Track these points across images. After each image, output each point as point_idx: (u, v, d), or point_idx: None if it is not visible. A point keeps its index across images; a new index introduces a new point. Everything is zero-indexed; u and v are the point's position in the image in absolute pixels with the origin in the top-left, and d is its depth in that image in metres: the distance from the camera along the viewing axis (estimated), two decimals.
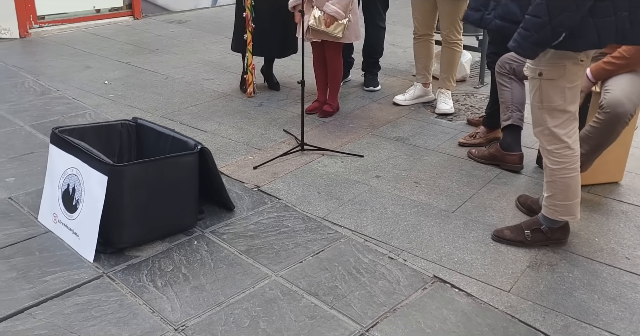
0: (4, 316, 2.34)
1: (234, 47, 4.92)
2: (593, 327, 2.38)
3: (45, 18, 6.59)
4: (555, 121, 2.62)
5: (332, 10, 4.03)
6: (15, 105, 4.50)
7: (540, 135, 2.72)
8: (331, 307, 2.44)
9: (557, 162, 2.66)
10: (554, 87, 2.56)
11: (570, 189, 2.70)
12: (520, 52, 2.45)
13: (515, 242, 2.87)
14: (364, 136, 4.17)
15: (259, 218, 3.09)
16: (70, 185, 2.80)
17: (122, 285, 2.53)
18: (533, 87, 2.65)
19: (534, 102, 2.66)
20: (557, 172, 2.67)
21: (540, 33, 2.34)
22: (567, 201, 2.70)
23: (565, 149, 2.64)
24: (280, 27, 4.66)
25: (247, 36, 4.63)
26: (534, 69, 2.59)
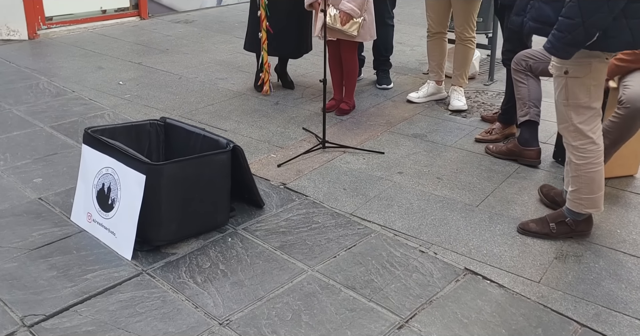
0: (50, 313, 2.39)
1: (247, 47, 4.96)
2: (623, 315, 2.46)
3: (53, 19, 6.61)
4: (581, 117, 2.69)
5: (348, 8, 4.08)
6: (32, 107, 4.54)
7: (565, 132, 2.79)
8: (369, 300, 2.51)
9: (583, 157, 2.73)
10: (580, 84, 2.63)
11: (595, 183, 2.77)
12: (555, 53, 2.51)
13: (541, 235, 2.94)
14: (382, 133, 4.23)
15: (288, 214, 3.15)
16: (106, 184, 2.85)
17: (162, 282, 2.59)
18: (559, 84, 2.71)
19: (560, 99, 2.73)
20: (583, 167, 2.74)
21: (573, 34, 2.40)
22: (592, 194, 2.77)
23: (590, 144, 2.71)
24: (295, 27, 4.72)
25: (262, 35, 4.68)
26: (559, 67, 2.66)
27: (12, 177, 3.46)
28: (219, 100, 4.80)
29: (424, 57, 6.08)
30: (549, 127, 4.06)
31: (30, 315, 2.37)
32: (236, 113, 4.51)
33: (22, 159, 3.68)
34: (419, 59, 6.17)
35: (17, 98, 4.70)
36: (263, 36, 4.69)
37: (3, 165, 3.59)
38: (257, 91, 4.97)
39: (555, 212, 2.99)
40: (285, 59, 5.14)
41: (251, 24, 4.85)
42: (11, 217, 3.05)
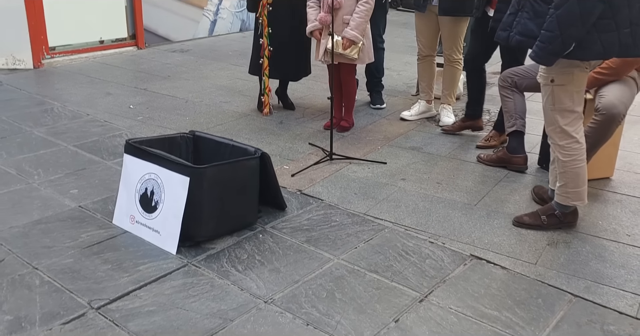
0: (113, 298, 2.70)
1: (251, 71, 5.36)
2: (609, 287, 2.86)
3: (56, 49, 6.94)
4: (566, 120, 3.13)
5: (352, 35, 4.52)
6: (52, 128, 4.85)
7: (552, 133, 3.22)
8: (391, 280, 2.87)
9: (568, 154, 3.16)
10: (564, 91, 3.08)
11: (580, 177, 3.20)
12: (539, 61, 2.96)
13: (533, 226, 3.35)
14: (382, 147, 4.64)
15: (309, 215, 3.51)
16: (149, 188, 3.19)
17: (207, 271, 2.92)
18: (546, 92, 3.16)
19: (547, 105, 3.17)
20: (569, 164, 3.17)
21: (553, 44, 2.86)
22: (578, 188, 3.20)
23: (574, 143, 3.15)
24: (295, 52, 5.14)
25: (262, 61, 5.09)
26: (546, 76, 3.11)
27: (49, 189, 3.77)
28: (226, 120, 5.17)
29: (411, 80, 6.59)
30: (532, 139, 4.51)
31: (96, 299, 2.68)
32: (245, 132, 4.88)
33: (54, 174, 3.99)
34: (406, 82, 6.64)
35: (35, 121, 5.01)
36: (264, 63, 5.09)
37: (38, 179, 3.89)
38: (261, 112, 5.35)
39: (546, 205, 3.41)
40: (286, 82, 5.54)
41: (255, 50, 5.25)
42: (57, 222, 3.36)
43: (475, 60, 4.64)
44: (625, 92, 3.59)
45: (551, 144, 3.27)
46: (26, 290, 2.73)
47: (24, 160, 4.17)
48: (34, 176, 3.93)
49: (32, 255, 3.02)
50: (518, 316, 2.62)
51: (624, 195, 3.87)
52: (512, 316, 2.62)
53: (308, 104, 5.68)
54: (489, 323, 2.57)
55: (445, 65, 5.14)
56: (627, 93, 3.60)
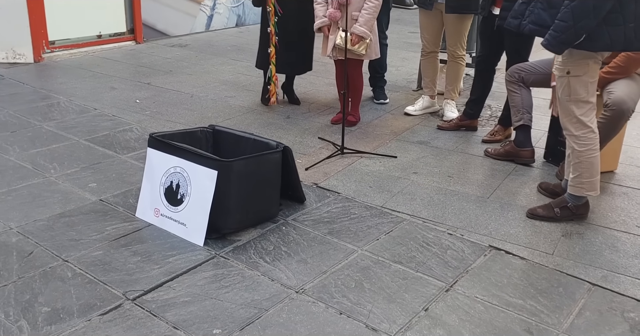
0: (147, 289, 2.75)
1: (258, 65, 5.40)
2: (625, 276, 2.97)
3: (56, 43, 6.93)
4: (581, 110, 3.24)
5: (360, 31, 4.59)
6: (62, 123, 4.87)
7: (568, 124, 3.32)
8: (416, 271, 2.96)
9: (584, 144, 3.27)
10: (580, 82, 3.19)
11: (594, 167, 3.31)
12: (550, 49, 3.07)
13: (547, 218, 3.45)
14: (390, 141, 4.72)
15: (328, 208, 3.59)
16: (174, 182, 3.24)
17: (236, 262, 2.99)
18: (562, 84, 3.25)
19: (563, 96, 3.27)
20: (584, 153, 3.28)
21: (566, 34, 2.98)
22: (592, 178, 3.31)
23: (589, 133, 3.26)
24: (302, 46, 5.20)
25: (271, 50, 5.13)
26: (562, 68, 3.21)
27: (67, 183, 3.80)
28: (234, 115, 5.22)
29: (410, 76, 6.68)
30: (535, 134, 4.60)
31: (130, 290, 2.73)
32: (254, 126, 4.93)
33: (70, 168, 4.02)
34: (406, 77, 6.73)
35: (43, 115, 5.02)
36: (272, 51, 5.14)
37: (55, 173, 3.92)
38: (264, 104, 5.41)
39: (559, 198, 3.51)
40: (292, 77, 5.60)
41: (262, 41, 5.28)
42: (81, 215, 3.40)
43: (486, 61, 4.71)
44: (633, 88, 3.70)
45: (567, 135, 3.36)
46: (59, 282, 2.77)
47: (37, 154, 4.19)
48: (50, 170, 3.96)
49: (60, 247, 3.05)
50: (542, 304, 2.72)
51: (629, 188, 3.99)
52: (537, 305, 2.72)
53: (312, 99, 5.74)
54: (515, 311, 2.66)
55: (448, 61, 5.23)
56: (635, 89, 3.71)
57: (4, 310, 2.54)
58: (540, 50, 4.00)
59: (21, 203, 3.47)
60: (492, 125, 5.04)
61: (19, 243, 3.06)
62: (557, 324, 2.59)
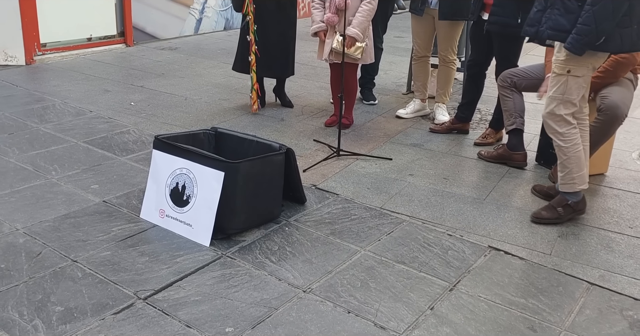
0: (158, 288, 2.79)
1: (235, 67, 5.47)
2: (622, 275, 3.08)
3: (47, 45, 6.92)
4: (567, 110, 3.37)
5: (353, 33, 4.66)
6: (59, 125, 4.88)
7: (552, 122, 3.42)
8: (420, 271, 3.03)
9: (569, 140, 3.39)
10: (577, 83, 3.30)
11: (581, 161, 3.44)
12: (572, 50, 3.17)
13: (553, 220, 3.55)
14: (384, 143, 4.80)
15: (328, 209, 3.65)
16: (180, 183, 3.28)
17: (243, 262, 3.04)
18: (558, 82, 3.34)
19: (556, 94, 3.36)
20: (570, 149, 3.39)
21: (589, 37, 3.10)
22: (581, 171, 3.44)
23: (572, 129, 3.39)
24: (282, 50, 5.29)
25: (251, 58, 5.19)
26: (563, 67, 3.31)
27: (69, 184, 3.82)
28: (228, 117, 5.27)
29: (399, 79, 6.79)
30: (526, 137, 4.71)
31: (141, 290, 2.77)
32: (249, 129, 4.98)
33: (70, 170, 4.04)
34: (395, 81, 6.83)
35: (40, 117, 5.03)
36: (252, 59, 5.20)
37: (56, 175, 3.94)
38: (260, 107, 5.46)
39: (557, 198, 3.60)
40: (282, 80, 5.67)
41: (241, 47, 5.34)
42: (85, 216, 3.43)
43: (477, 65, 4.83)
44: (626, 93, 3.82)
45: (551, 134, 3.46)
46: (70, 282, 2.80)
47: (37, 156, 4.21)
48: (52, 172, 3.97)
49: (68, 248, 3.08)
50: (543, 303, 2.81)
51: (620, 190, 4.11)
52: (538, 303, 2.80)
53: (305, 102, 5.81)
54: (518, 310, 2.75)
55: (440, 66, 5.33)
56: (627, 94, 3.83)
57: (18, 310, 2.57)
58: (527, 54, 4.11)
59: (25, 204, 3.49)
60: (483, 128, 5.15)
61: (26, 244, 3.09)
62: (559, 322, 2.67)
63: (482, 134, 4.87)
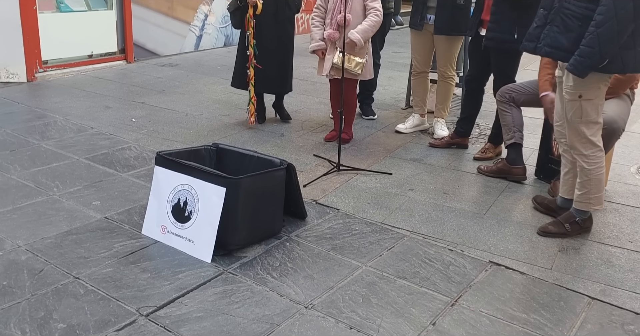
0: (160, 305, 2.80)
1: (234, 83, 5.51)
2: (622, 290, 3.08)
3: (49, 62, 6.96)
4: (591, 131, 3.37)
5: (356, 37, 4.69)
6: (60, 142, 4.90)
7: (578, 144, 3.42)
8: (421, 286, 3.04)
9: (593, 162, 3.39)
10: (592, 105, 3.31)
11: (602, 183, 3.45)
12: (575, 73, 3.18)
13: (559, 235, 3.56)
14: (384, 158, 4.83)
15: (329, 224, 3.66)
16: (182, 199, 3.30)
17: (245, 278, 3.05)
18: (572, 107, 3.35)
19: (574, 118, 3.37)
20: (593, 171, 3.40)
21: (592, 59, 3.10)
22: (599, 193, 3.44)
23: (598, 151, 3.39)
24: (281, 67, 5.35)
25: (250, 72, 5.23)
26: (574, 93, 3.32)
27: (71, 201, 3.83)
28: (229, 133, 5.29)
29: (398, 94, 6.83)
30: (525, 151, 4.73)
31: (143, 306, 2.78)
32: (249, 144, 5.01)
33: (72, 186, 4.05)
34: (394, 96, 6.87)
35: (41, 134, 5.05)
36: (251, 73, 5.23)
37: (57, 192, 3.95)
38: (259, 123, 5.49)
39: (566, 214, 3.60)
40: (281, 95, 5.71)
41: (239, 62, 5.38)
42: (87, 233, 3.44)
43: (475, 80, 4.87)
44: (623, 108, 3.85)
45: (576, 155, 3.46)
46: (72, 298, 2.81)
47: (39, 173, 4.22)
48: (53, 188, 3.99)
49: (70, 265, 3.09)
50: (545, 317, 2.82)
51: (619, 204, 4.12)
52: (540, 318, 2.81)
53: (304, 117, 5.85)
54: (520, 325, 2.75)
55: (439, 81, 5.37)
56: (624, 109, 3.86)
57: (20, 327, 2.57)
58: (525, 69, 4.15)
59: (27, 221, 3.50)
60: (482, 143, 5.17)
61: (28, 261, 3.09)
62: None
63: (481, 149, 4.90)
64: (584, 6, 3.13)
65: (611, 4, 3.02)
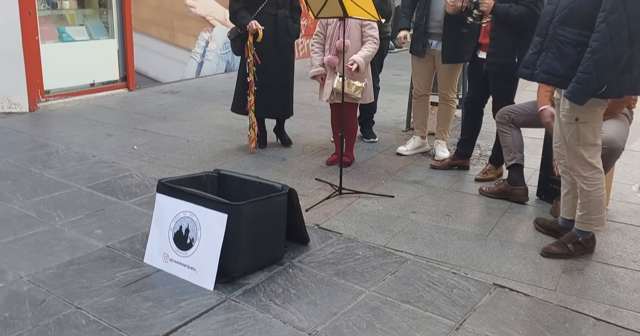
0: (163, 334, 2.78)
1: (234, 109, 5.55)
2: (628, 310, 3.06)
3: (50, 92, 7.01)
4: (589, 153, 3.37)
5: (358, 59, 4.72)
6: (62, 170, 4.92)
7: (577, 166, 3.43)
8: (425, 310, 3.02)
9: (592, 184, 3.39)
10: (588, 127, 3.32)
11: (602, 204, 3.44)
12: (574, 100, 3.19)
13: (562, 255, 3.54)
14: (385, 181, 4.83)
15: (332, 249, 3.66)
16: (183, 226, 3.30)
17: (247, 306, 3.03)
18: (569, 129, 3.37)
19: (572, 141, 3.38)
20: (593, 193, 3.39)
21: (590, 86, 3.12)
22: (600, 214, 3.43)
23: (597, 173, 3.38)
24: (282, 92, 5.39)
25: (250, 98, 5.27)
26: (570, 116, 3.33)
27: (73, 230, 3.83)
28: (231, 158, 5.31)
29: (398, 117, 6.86)
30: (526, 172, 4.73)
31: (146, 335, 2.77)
32: (251, 169, 5.02)
33: (74, 215, 4.05)
34: (394, 119, 6.90)
35: (43, 163, 5.07)
36: (251, 99, 5.27)
37: (59, 221, 3.96)
38: (260, 148, 5.52)
39: (568, 235, 3.59)
40: (282, 120, 5.74)
41: (240, 88, 5.43)
42: (89, 262, 3.43)
43: (474, 102, 4.90)
44: (622, 128, 3.86)
45: (575, 177, 3.46)
46: (74, 329, 2.79)
47: (41, 202, 4.23)
48: (55, 217, 3.99)
49: (72, 295, 3.08)
50: None
51: (621, 223, 4.11)
52: None
53: (306, 141, 5.87)
54: None
55: (440, 104, 5.40)
56: (623, 128, 3.87)
57: None
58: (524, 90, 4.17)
59: (29, 251, 3.50)
60: (483, 164, 5.17)
61: (30, 291, 3.09)
62: None
63: (482, 170, 4.90)
64: (578, 32, 3.16)
65: (606, 31, 3.04)
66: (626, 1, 3.02)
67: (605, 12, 3.06)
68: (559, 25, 3.24)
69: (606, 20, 3.05)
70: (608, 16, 3.05)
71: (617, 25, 3.03)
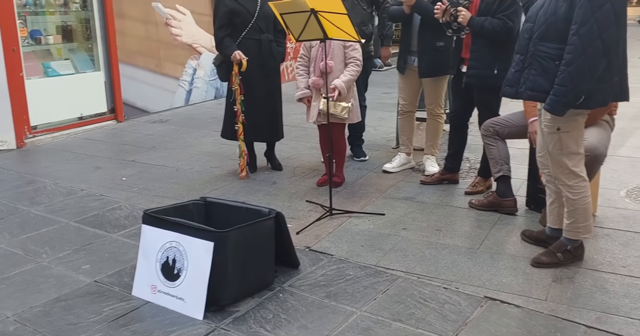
0: None
1: (224, 134, 5.57)
2: (618, 316, 3.04)
3: (38, 127, 7.02)
4: (572, 162, 3.37)
5: (339, 84, 4.75)
6: (49, 206, 4.90)
7: (561, 175, 3.43)
8: (417, 328, 3.00)
9: (577, 193, 3.39)
10: (570, 137, 3.33)
11: (588, 212, 3.43)
12: (553, 112, 3.21)
13: (552, 264, 3.53)
14: (376, 199, 4.82)
15: (323, 271, 3.64)
16: (170, 256, 3.28)
17: (237, 333, 3.00)
18: (552, 139, 3.38)
19: (555, 151, 3.39)
20: (579, 201, 3.39)
21: (567, 97, 3.14)
22: (587, 222, 3.43)
23: (582, 181, 3.39)
24: (269, 116, 5.41)
25: (238, 126, 5.28)
26: (552, 125, 3.35)
27: (60, 266, 3.81)
28: (220, 185, 5.30)
29: (388, 134, 6.87)
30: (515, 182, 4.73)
31: None
32: (241, 194, 5.01)
33: (61, 251, 4.03)
34: (384, 136, 6.92)
35: (30, 200, 5.05)
36: (240, 128, 5.29)
37: (47, 258, 3.93)
38: (251, 172, 5.51)
39: (556, 243, 3.59)
40: (272, 144, 5.75)
41: (228, 114, 5.45)
42: (77, 298, 3.41)
43: (459, 117, 4.92)
44: (603, 135, 3.87)
45: (560, 186, 3.47)
46: None
47: (28, 240, 4.21)
48: (42, 254, 3.97)
49: (60, 333, 3.05)
50: None
51: (610, 229, 4.10)
52: None
53: (296, 163, 5.87)
54: None
55: (428, 119, 5.43)
56: (605, 135, 3.88)
57: None
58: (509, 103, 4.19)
59: (16, 290, 3.48)
60: (472, 177, 5.17)
61: (17, 331, 3.06)
62: None
63: (471, 183, 4.91)
64: (558, 47, 3.18)
65: (578, 43, 3.07)
66: (596, 12, 3.05)
67: (577, 25, 3.09)
68: (538, 42, 3.27)
69: (578, 32, 3.08)
70: (580, 28, 3.08)
71: (589, 37, 3.06)
